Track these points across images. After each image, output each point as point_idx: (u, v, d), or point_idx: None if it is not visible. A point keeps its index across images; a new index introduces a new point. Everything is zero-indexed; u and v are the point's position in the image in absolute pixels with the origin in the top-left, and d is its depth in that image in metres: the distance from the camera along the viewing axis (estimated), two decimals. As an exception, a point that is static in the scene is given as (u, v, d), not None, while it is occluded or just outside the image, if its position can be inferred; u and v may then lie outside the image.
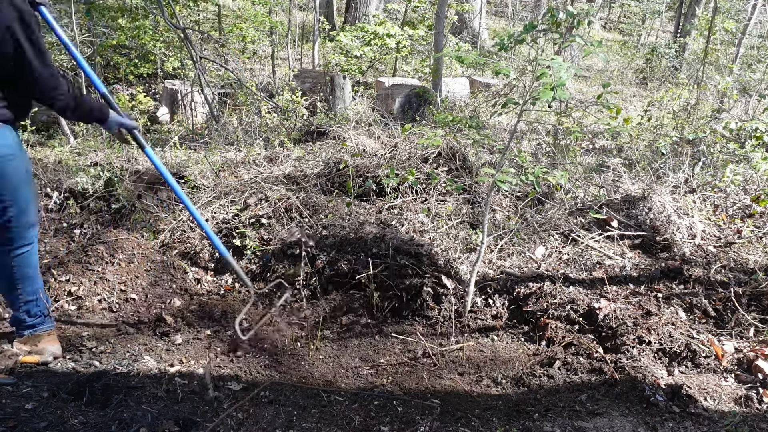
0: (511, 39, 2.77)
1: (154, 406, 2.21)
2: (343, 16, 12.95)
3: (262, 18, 8.60)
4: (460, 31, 13.01)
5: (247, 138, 5.50)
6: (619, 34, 18.24)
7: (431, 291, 3.16)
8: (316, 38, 9.79)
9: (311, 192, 4.05)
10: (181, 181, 4.13)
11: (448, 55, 6.90)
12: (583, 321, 2.96)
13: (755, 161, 4.46)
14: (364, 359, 2.84)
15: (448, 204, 4.05)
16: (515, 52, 10.57)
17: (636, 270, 3.40)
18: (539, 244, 3.74)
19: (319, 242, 3.49)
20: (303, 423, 2.22)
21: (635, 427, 2.17)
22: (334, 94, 6.78)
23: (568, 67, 2.52)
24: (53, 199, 4.03)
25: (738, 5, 13.91)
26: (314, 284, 3.32)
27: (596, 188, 4.40)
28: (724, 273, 3.27)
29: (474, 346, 2.91)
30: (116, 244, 3.35)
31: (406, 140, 4.56)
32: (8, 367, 2.39)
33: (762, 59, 11.00)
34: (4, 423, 1.97)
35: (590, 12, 2.83)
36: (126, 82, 8.09)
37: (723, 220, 4.02)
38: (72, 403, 2.17)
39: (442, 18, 6.60)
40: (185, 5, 8.04)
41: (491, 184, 2.90)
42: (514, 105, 2.74)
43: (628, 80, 11.37)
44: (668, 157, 5.00)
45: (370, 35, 8.56)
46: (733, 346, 2.68)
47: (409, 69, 9.63)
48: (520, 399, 2.47)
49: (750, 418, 2.22)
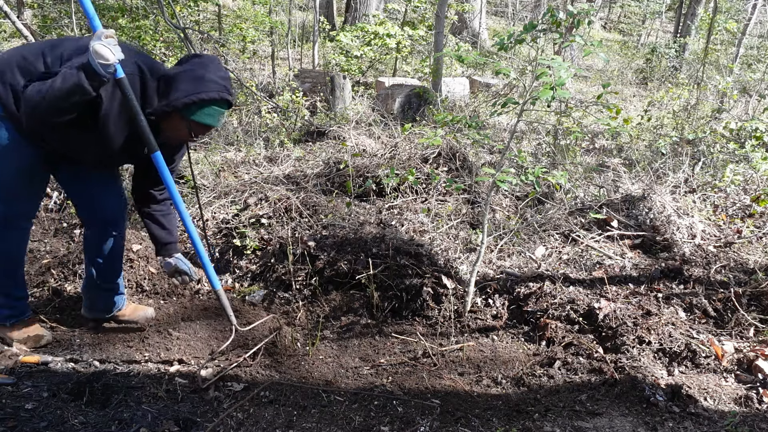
0: (511, 39, 2.77)
1: (154, 406, 2.21)
2: (343, 16, 12.95)
3: (262, 18, 8.60)
4: (460, 31, 13.02)
5: (247, 138, 5.50)
6: (619, 34, 18.25)
7: (431, 291, 3.16)
8: (316, 38, 9.79)
9: (311, 192, 4.05)
10: (181, 181, 4.13)
11: (449, 54, 6.89)
12: (583, 321, 2.96)
13: (755, 161, 4.46)
14: (364, 359, 2.84)
15: (448, 204, 4.05)
16: (515, 52, 10.57)
17: (636, 270, 3.40)
18: (539, 244, 3.74)
19: (319, 242, 3.49)
20: (303, 423, 2.22)
21: (635, 427, 2.17)
22: (334, 94, 6.78)
23: (568, 66, 2.52)
24: (53, 199, 4.03)
25: (738, 5, 13.91)
26: (314, 284, 3.31)
27: (596, 188, 4.40)
28: (724, 273, 3.27)
29: (474, 346, 2.91)
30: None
31: (406, 140, 4.56)
32: (8, 367, 2.39)
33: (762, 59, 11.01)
34: (4, 423, 1.97)
35: (590, 12, 2.83)
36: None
37: (723, 220, 4.02)
38: (72, 403, 2.17)
39: (442, 18, 6.60)
40: (185, 5, 8.03)
41: (491, 184, 2.90)
42: (514, 105, 2.74)
43: (628, 80, 11.37)
44: (668, 157, 5.00)
45: (370, 35, 8.56)
46: (733, 346, 2.68)
47: (409, 69, 9.63)
48: (520, 399, 2.47)
49: (750, 418, 2.22)
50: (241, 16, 9.17)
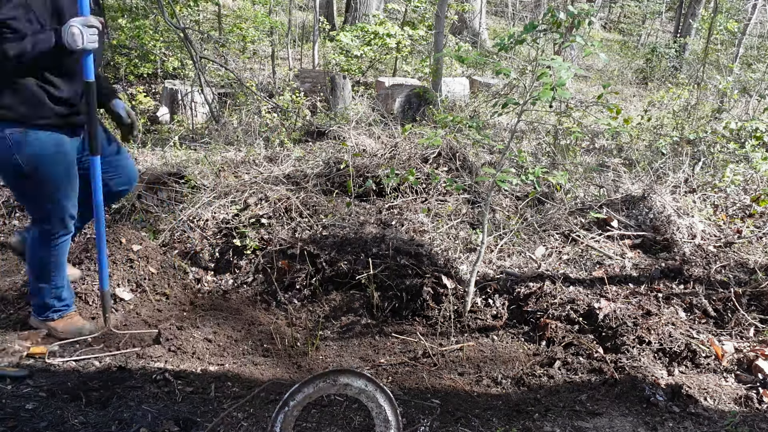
0: (511, 39, 2.77)
1: (154, 406, 2.21)
2: (343, 16, 12.95)
3: (262, 18, 8.60)
4: (460, 31, 13.01)
5: (247, 138, 5.50)
6: (619, 34, 18.25)
7: (431, 291, 3.16)
8: (316, 38, 9.79)
9: (311, 192, 4.05)
10: (182, 181, 4.13)
11: (449, 54, 6.90)
12: (583, 321, 2.96)
13: (755, 161, 4.46)
14: (364, 359, 2.84)
15: (448, 204, 4.05)
16: (515, 52, 10.57)
17: (636, 270, 3.40)
18: (539, 244, 3.74)
19: (319, 242, 3.49)
20: (303, 423, 2.22)
21: (635, 427, 2.17)
22: (334, 94, 6.79)
23: (569, 66, 2.52)
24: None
25: (738, 5, 13.90)
26: (314, 284, 3.31)
27: (596, 188, 4.40)
28: (724, 273, 3.27)
29: (474, 346, 2.91)
30: (116, 243, 3.35)
31: (406, 140, 4.56)
32: (12, 363, 2.40)
33: (762, 59, 11.01)
34: (4, 423, 1.97)
35: (590, 12, 2.83)
36: (126, 82, 8.09)
37: (723, 220, 4.02)
38: (72, 403, 2.17)
39: (442, 18, 6.61)
40: (185, 5, 8.03)
41: (491, 184, 2.90)
42: (514, 105, 2.74)
43: (628, 80, 11.37)
44: (668, 157, 5.00)
45: (370, 35, 8.56)
46: (733, 346, 2.68)
47: (409, 69, 9.63)
48: (520, 399, 2.47)
49: (750, 418, 2.22)
50: (241, 16, 9.18)
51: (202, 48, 7.59)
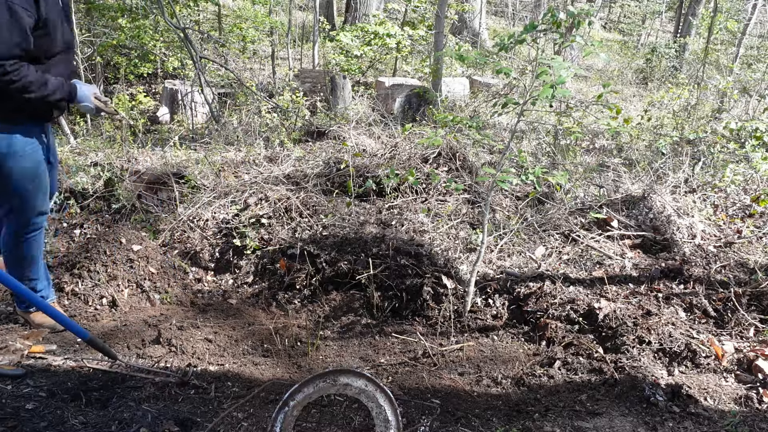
0: (511, 39, 2.77)
1: (154, 406, 2.21)
2: (343, 16, 12.95)
3: (262, 18, 8.60)
4: (460, 31, 13.01)
5: (247, 138, 5.50)
6: (619, 34, 18.24)
7: (431, 291, 3.16)
8: (316, 38, 9.79)
9: (311, 192, 4.05)
10: (182, 181, 4.14)
11: (449, 54, 6.91)
12: (583, 321, 2.96)
13: (755, 161, 4.46)
14: (365, 359, 2.84)
15: (448, 204, 4.05)
16: (515, 52, 10.57)
17: (636, 270, 3.40)
18: (539, 244, 3.74)
19: (319, 242, 3.49)
20: (303, 423, 2.22)
21: (635, 427, 2.17)
22: (334, 94, 6.78)
23: (569, 66, 2.52)
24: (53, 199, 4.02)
25: (738, 5, 13.91)
26: (314, 284, 3.31)
27: (596, 188, 4.40)
28: (724, 273, 3.27)
29: (474, 346, 2.91)
30: (116, 243, 3.35)
31: (406, 140, 4.56)
32: (13, 361, 2.39)
33: (762, 59, 11.01)
34: (4, 423, 1.97)
35: (590, 12, 2.83)
36: (126, 82, 8.09)
37: (723, 220, 4.02)
38: (72, 403, 2.17)
39: (442, 18, 6.61)
40: (185, 5, 8.03)
41: (491, 184, 2.90)
42: (514, 105, 2.74)
43: (628, 80, 11.37)
44: (668, 157, 5.00)
45: (370, 35, 8.56)
46: (733, 346, 2.68)
47: (409, 69, 9.63)
48: (520, 399, 2.47)
49: (750, 418, 2.22)
50: (241, 16, 9.17)
51: (202, 48, 7.59)
